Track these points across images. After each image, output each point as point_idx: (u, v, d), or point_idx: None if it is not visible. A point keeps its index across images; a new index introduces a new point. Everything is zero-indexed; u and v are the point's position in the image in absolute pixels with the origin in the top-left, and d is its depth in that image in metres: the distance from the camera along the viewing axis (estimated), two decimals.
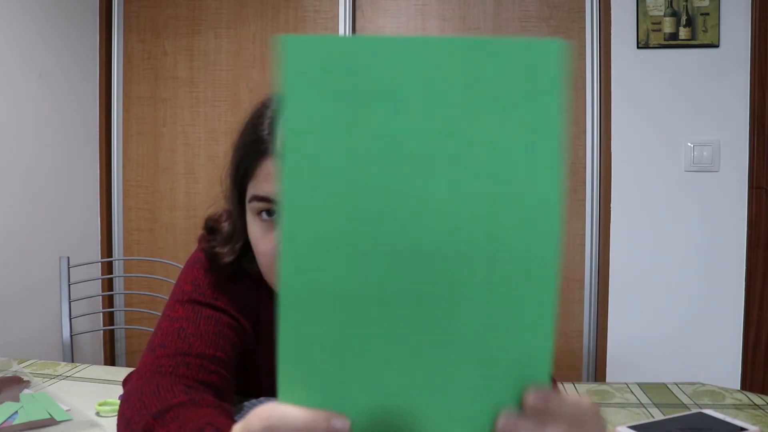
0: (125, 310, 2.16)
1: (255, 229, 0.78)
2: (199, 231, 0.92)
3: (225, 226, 0.87)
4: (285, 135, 0.35)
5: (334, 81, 0.34)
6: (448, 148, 0.35)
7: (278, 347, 0.39)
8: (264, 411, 0.39)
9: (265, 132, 0.76)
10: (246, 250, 0.85)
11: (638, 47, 2.16)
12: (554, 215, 0.36)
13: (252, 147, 0.76)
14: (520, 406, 0.40)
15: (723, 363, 2.19)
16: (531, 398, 0.40)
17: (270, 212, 0.76)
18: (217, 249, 0.85)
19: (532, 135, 0.35)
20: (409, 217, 0.36)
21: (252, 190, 0.77)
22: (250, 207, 0.78)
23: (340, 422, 0.39)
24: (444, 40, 0.34)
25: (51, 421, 0.89)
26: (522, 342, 0.38)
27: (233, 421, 0.63)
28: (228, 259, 0.84)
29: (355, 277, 0.37)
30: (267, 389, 0.93)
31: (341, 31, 2.38)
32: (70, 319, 1.87)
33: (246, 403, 0.90)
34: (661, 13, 2.13)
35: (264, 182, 0.75)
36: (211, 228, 0.89)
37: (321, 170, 0.35)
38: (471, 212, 0.36)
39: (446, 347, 0.38)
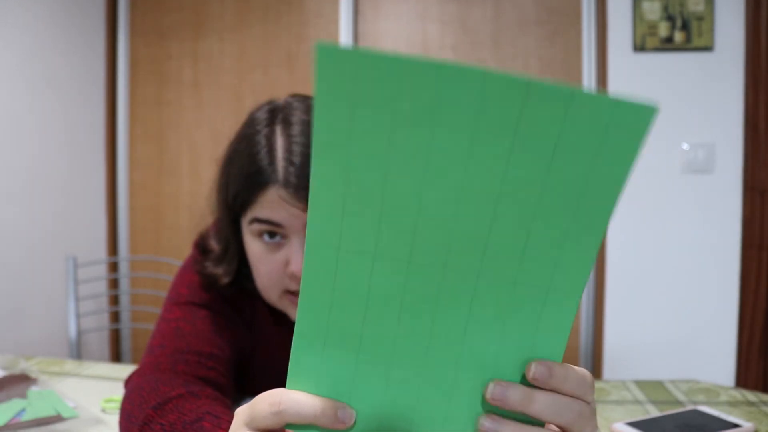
0: (131, 309, 2.20)
1: (255, 249, 0.77)
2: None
3: (213, 243, 0.86)
4: (313, 141, 0.34)
5: (369, 96, 0.32)
6: (488, 181, 0.34)
7: (294, 334, 0.38)
8: (273, 395, 0.38)
9: (265, 162, 0.72)
10: (241, 267, 0.84)
11: (634, 51, 2.17)
12: (590, 262, 0.36)
13: (252, 178, 0.73)
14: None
15: (718, 361, 2.20)
16: (532, 370, 0.38)
17: (272, 234, 0.74)
18: (211, 270, 0.84)
19: (589, 195, 0.34)
20: (438, 231, 0.35)
21: (252, 213, 0.75)
22: (250, 229, 0.76)
23: (347, 413, 0.38)
24: (499, 76, 0.31)
25: (58, 418, 0.90)
26: (531, 353, 0.39)
27: (231, 412, 0.64)
28: (226, 280, 0.83)
29: (377, 278, 0.37)
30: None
31: (342, 35, 2.40)
32: (77, 317, 1.91)
33: (245, 400, 0.91)
34: (657, 18, 2.14)
35: (267, 208, 0.73)
36: (202, 248, 0.88)
37: (348, 175, 0.34)
38: (504, 244, 0.36)
39: (455, 354, 0.39)
